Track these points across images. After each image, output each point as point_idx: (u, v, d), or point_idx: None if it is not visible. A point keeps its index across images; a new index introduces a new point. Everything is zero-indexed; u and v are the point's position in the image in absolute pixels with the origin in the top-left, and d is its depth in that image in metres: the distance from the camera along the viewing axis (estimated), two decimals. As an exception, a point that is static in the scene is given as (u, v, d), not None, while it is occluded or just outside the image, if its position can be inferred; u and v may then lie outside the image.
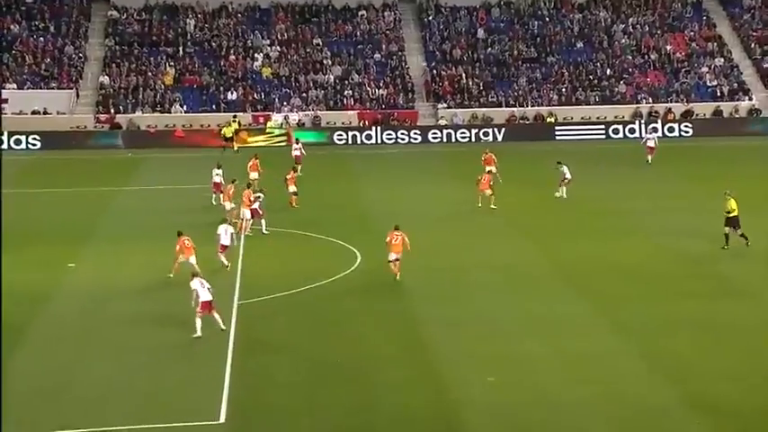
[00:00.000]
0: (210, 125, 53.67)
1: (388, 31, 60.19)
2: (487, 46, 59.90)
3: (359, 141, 54.03)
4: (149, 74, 56.11)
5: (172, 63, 56.80)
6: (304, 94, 56.59)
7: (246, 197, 31.58)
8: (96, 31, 58.41)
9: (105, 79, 55.54)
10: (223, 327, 22.03)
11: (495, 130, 54.82)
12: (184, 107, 55.07)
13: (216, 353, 20.91)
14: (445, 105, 56.71)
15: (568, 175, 37.12)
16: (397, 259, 26.16)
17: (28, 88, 54.28)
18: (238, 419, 17.84)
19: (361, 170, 46.05)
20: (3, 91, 53.35)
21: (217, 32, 58.99)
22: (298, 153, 44.71)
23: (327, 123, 55.06)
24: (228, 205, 32.48)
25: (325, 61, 58.30)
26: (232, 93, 56.00)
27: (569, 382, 19.50)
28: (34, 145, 51.32)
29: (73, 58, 56.14)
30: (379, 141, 53.92)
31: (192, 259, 25.91)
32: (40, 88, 54.40)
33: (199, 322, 21.72)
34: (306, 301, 25.08)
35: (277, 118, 54.77)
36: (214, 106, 55.45)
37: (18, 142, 51.26)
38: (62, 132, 52.19)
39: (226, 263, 27.22)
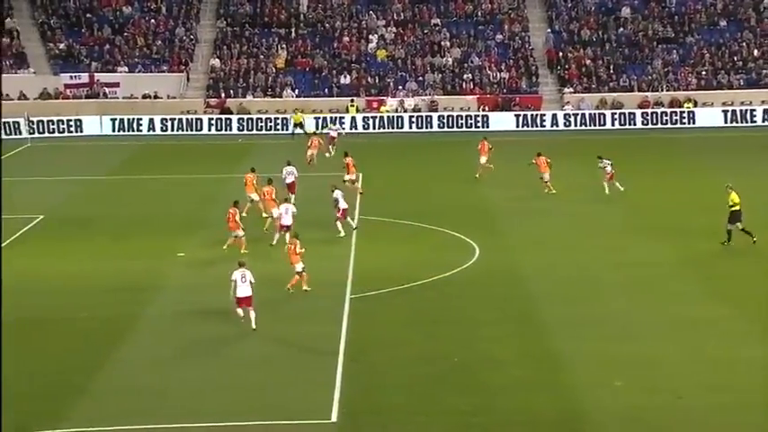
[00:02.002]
0: (323, 110, 54.56)
1: (511, 11, 59.78)
2: (619, 26, 58.80)
3: (478, 127, 54.05)
4: (261, 56, 57.36)
5: (284, 45, 57.92)
6: (420, 78, 56.81)
7: (269, 194, 30.49)
8: (208, 12, 60.01)
9: (216, 62, 57.04)
10: (254, 327, 22.19)
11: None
12: (296, 91, 56.10)
13: (327, 349, 21.32)
14: (571, 90, 56.01)
15: (609, 169, 35.65)
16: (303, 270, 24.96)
17: (139, 71, 56.23)
18: (351, 419, 18.12)
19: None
20: (114, 74, 55.48)
21: (330, 13, 59.77)
22: (334, 134, 45.56)
23: (445, 109, 55.19)
24: (255, 196, 31.59)
25: (443, 43, 58.38)
26: (345, 76, 56.73)
27: (704, 388, 19.13)
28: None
29: (184, 40, 57.86)
30: (499, 127, 53.78)
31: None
32: (151, 71, 56.29)
33: (240, 312, 22.33)
34: (421, 296, 25.28)
35: (392, 102, 55.25)
36: (326, 90, 56.28)
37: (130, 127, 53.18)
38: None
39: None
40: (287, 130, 53.83)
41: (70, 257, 28.67)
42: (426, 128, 54.24)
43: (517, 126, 54.23)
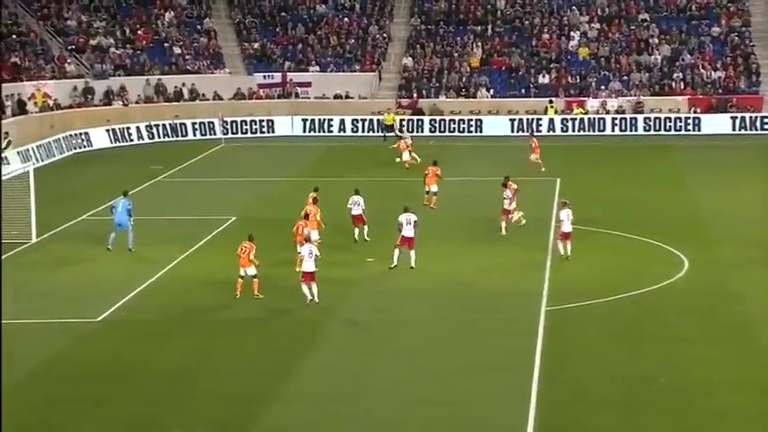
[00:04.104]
0: (518, 111, 54.32)
1: (729, 4, 57.52)
2: None
3: (688, 130, 52.35)
4: (455, 55, 57.70)
5: (479, 43, 58.04)
6: (625, 78, 55.60)
7: (313, 216, 28.49)
8: (402, 10, 60.87)
9: (408, 61, 57.83)
10: (317, 300, 24.61)
11: None
12: (491, 91, 56.10)
13: (521, 362, 21.21)
14: (799, 89, 53.35)
15: (508, 204, 31.15)
16: (245, 275, 25.16)
17: (331, 71, 57.77)
18: (547, 438, 18.04)
19: (690, 164, 44.48)
20: (306, 74, 57.21)
21: (529, 9, 59.43)
22: (408, 141, 44.79)
23: (651, 110, 53.77)
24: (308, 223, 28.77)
25: (651, 40, 56.89)
26: (544, 76, 56.24)
27: None
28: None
29: (377, 38, 59.03)
30: (712, 130, 51.85)
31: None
32: (343, 71, 57.71)
33: (305, 289, 24.54)
34: (623, 310, 24.78)
35: (593, 104, 54.33)
36: (523, 90, 55.99)
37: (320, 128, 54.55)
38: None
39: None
40: (481, 132, 53.91)
41: (261, 260, 29.72)
42: (631, 131, 53.01)
43: (733, 129, 52.15)
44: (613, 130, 53.01)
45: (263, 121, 54.67)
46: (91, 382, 20.68)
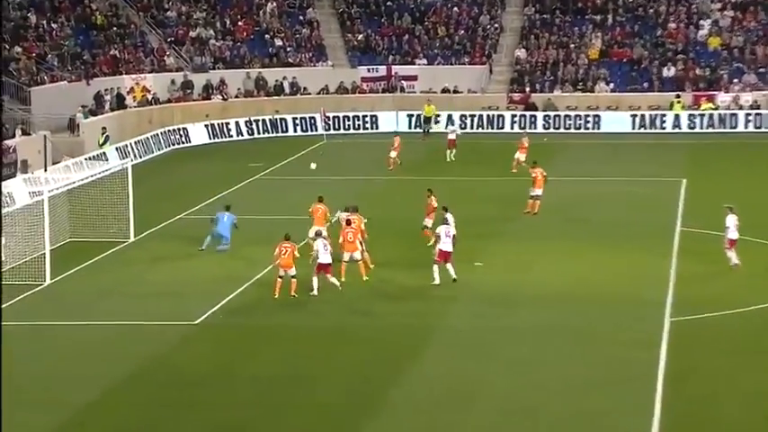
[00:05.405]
0: (641, 107, 53.50)
1: None
2: None
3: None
4: (571, 46, 57.19)
5: (598, 34, 57.40)
6: (762, 70, 54.28)
7: (322, 214, 29.35)
8: (515, -2, 60.72)
9: (521, 53, 57.55)
10: (339, 287, 26.14)
11: None
12: (611, 85, 55.42)
13: (644, 375, 21.01)
14: None
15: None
16: (284, 275, 26.27)
17: (438, 64, 57.86)
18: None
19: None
20: (412, 66, 57.36)
21: (656, -5, 58.58)
22: (453, 137, 45.68)
23: (788, 105, 52.43)
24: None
25: (791, 29, 55.49)
26: (669, 68, 55.31)
27: None
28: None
29: (488, 29, 58.90)
30: None
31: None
32: (451, 64, 57.72)
33: (315, 281, 25.86)
34: (755, 322, 24.33)
35: (724, 98, 53.16)
36: (646, 84, 55.14)
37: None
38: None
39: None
40: (599, 129, 53.25)
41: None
42: (766, 128, 51.74)
43: None
44: (746, 127, 51.87)
45: (366, 116, 54.99)
46: (187, 385, 21.21)
